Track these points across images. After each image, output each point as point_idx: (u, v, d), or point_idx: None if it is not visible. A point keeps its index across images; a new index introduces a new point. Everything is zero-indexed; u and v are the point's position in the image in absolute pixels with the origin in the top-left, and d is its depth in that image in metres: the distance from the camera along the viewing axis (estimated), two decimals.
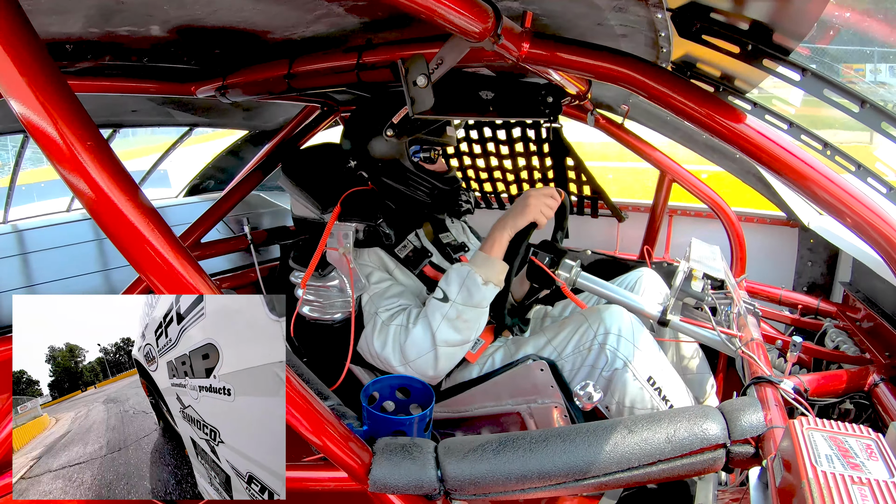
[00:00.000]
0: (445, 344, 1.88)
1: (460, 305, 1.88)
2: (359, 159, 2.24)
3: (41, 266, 2.95)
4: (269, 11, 1.59)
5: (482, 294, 1.89)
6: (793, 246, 3.14)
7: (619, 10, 1.35)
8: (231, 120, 3.71)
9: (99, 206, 0.93)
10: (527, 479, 1.23)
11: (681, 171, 2.89)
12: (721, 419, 1.24)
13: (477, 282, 1.88)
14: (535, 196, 1.96)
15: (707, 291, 1.82)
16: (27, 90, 0.86)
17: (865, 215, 1.26)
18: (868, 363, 1.89)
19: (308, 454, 1.31)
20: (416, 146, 2.23)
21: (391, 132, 2.13)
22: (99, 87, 2.06)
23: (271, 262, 3.21)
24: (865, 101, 1.25)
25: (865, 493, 0.86)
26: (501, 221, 1.98)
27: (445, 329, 1.87)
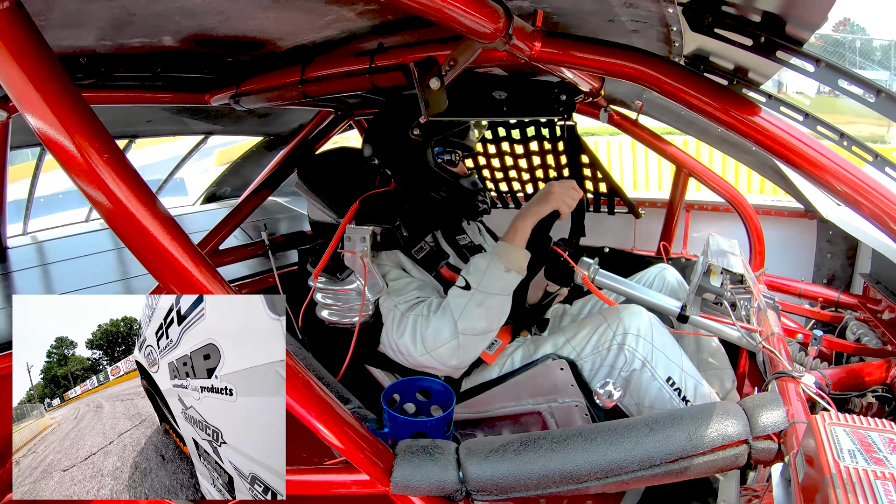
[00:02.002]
0: (468, 332, 1.85)
1: (483, 293, 1.86)
2: (382, 158, 2.24)
3: (61, 277, 2.98)
4: (280, 18, 1.60)
5: (505, 281, 1.89)
6: (811, 238, 3.11)
7: (630, 5, 1.34)
8: (246, 127, 3.73)
9: (117, 217, 0.94)
10: (548, 478, 1.22)
11: (697, 166, 2.87)
12: (742, 415, 1.23)
13: (500, 268, 1.87)
14: (559, 186, 1.97)
15: (726, 286, 1.80)
16: (42, 104, 0.87)
17: (884, 206, 1.24)
18: (890, 355, 1.87)
19: (329, 457, 1.32)
20: (439, 147, 2.23)
21: (417, 132, 2.13)
22: (114, 99, 2.08)
23: (289, 267, 3.22)
24: (881, 91, 1.24)
25: (889, 488, 0.84)
26: (524, 211, 1.98)
27: (468, 316, 1.85)
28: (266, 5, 1.48)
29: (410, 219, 2.14)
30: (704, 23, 1.26)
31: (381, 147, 2.23)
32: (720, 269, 1.81)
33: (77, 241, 3.36)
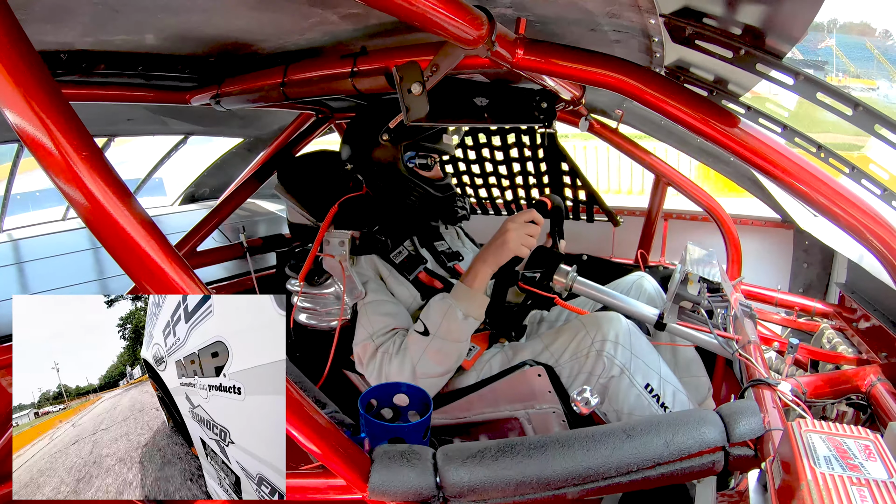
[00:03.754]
0: (426, 376, 1.90)
1: (440, 340, 1.89)
2: (356, 163, 2.24)
3: (37, 275, 2.94)
4: (263, 19, 1.59)
5: (462, 328, 1.90)
6: (788, 248, 3.15)
7: (613, 15, 1.35)
8: (226, 128, 3.72)
9: (94, 216, 0.93)
10: (525, 484, 1.22)
11: (675, 175, 2.89)
12: (719, 422, 1.24)
13: (457, 316, 1.89)
14: (514, 230, 1.92)
15: (703, 295, 1.82)
16: (21, 100, 0.86)
17: (860, 217, 1.26)
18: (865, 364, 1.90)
19: (306, 462, 1.31)
20: (411, 152, 2.22)
21: (386, 137, 2.13)
22: (94, 97, 2.06)
23: (267, 270, 3.21)
24: (858, 104, 1.26)
25: (864, 494, 0.86)
26: (483, 254, 1.95)
27: (426, 363, 1.89)
28: (251, 5, 1.47)
29: (387, 223, 2.14)
30: (685, 34, 1.27)
31: (354, 151, 2.23)
32: (698, 278, 1.82)
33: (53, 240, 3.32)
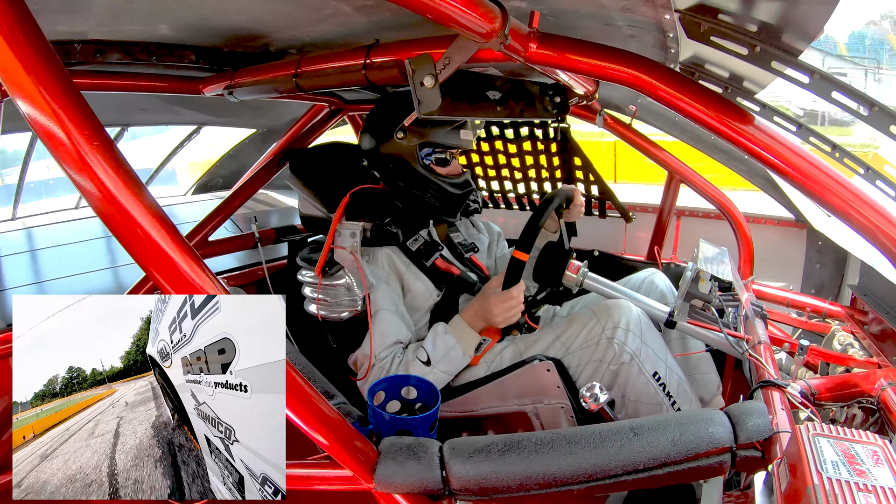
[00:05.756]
0: None
1: (440, 373, 1.97)
2: (371, 158, 2.23)
3: (50, 263, 2.96)
4: (277, 11, 1.59)
5: (461, 364, 2.01)
6: (801, 248, 3.12)
7: (628, 10, 1.34)
8: (239, 118, 3.72)
9: (105, 206, 0.93)
10: (531, 480, 1.22)
11: (689, 172, 2.87)
12: (727, 423, 1.23)
13: (459, 353, 1.98)
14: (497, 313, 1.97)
15: (714, 293, 1.81)
16: (34, 90, 0.86)
17: (873, 218, 1.25)
18: (876, 367, 1.88)
19: (313, 453, 1.31)
20: (428, 149, 2.22)
21: (401, 134, 2.13)
22: (107, 86, 2.07)
23: (279, 261, 3.21)
24: (874, 104, 1.24)
25: (871, 501, 0.85)
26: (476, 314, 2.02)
27: None
28: None
29: (401, 216, 2.14)
30: (701, 30, 1.26)
31: (371, 147, 2.24)
32: (709, 276, 1.81)
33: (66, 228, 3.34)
